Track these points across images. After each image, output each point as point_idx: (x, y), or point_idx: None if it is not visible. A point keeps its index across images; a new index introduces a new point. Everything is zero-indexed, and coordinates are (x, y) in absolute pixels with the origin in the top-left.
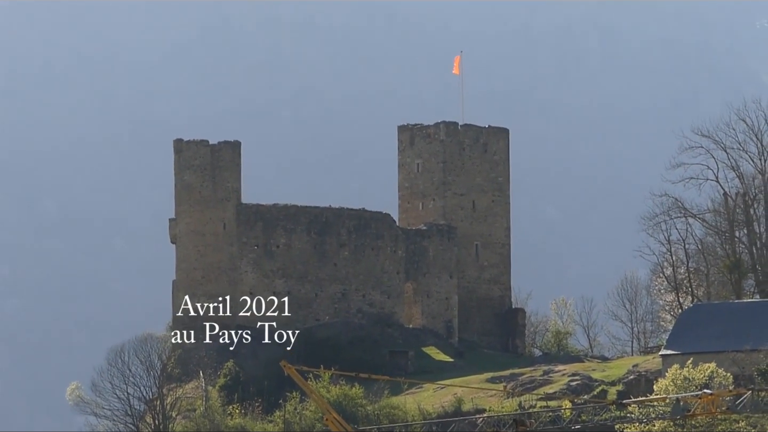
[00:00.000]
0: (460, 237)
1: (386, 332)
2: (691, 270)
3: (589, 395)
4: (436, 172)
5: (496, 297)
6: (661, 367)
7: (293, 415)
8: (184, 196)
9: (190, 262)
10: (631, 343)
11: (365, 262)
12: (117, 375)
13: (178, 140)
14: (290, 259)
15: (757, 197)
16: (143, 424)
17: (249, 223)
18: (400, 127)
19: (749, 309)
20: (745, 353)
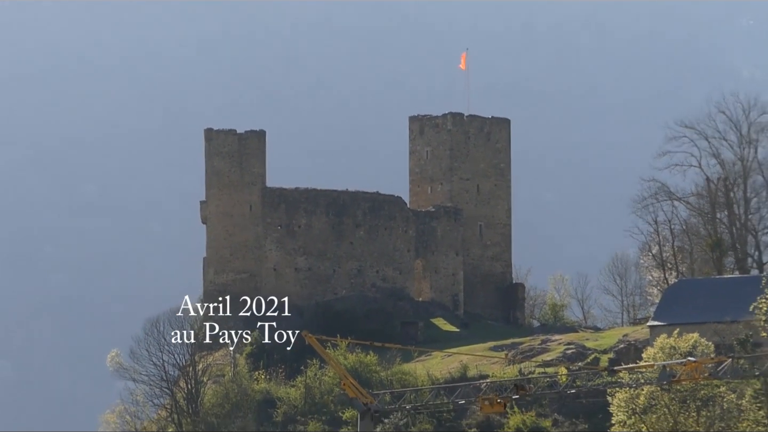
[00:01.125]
0: (465, 218)
1: (398, 305)
2: (676, 248)
3: (583, 362)
4: (444, 159)
5: (498, 273)
6: (648, 337)
7: (313, 380)
8: (214, 181)
9: (220, 240)
10: (622, 315)
11: (379, 240)
12: (153, 343)
13: (208, 129)
14: (310, 238)
15: (736, 182)
16: (177, 388)
17: (273, 205)
18: (411, 118)
19: (729, 284)
20: (726, 324)
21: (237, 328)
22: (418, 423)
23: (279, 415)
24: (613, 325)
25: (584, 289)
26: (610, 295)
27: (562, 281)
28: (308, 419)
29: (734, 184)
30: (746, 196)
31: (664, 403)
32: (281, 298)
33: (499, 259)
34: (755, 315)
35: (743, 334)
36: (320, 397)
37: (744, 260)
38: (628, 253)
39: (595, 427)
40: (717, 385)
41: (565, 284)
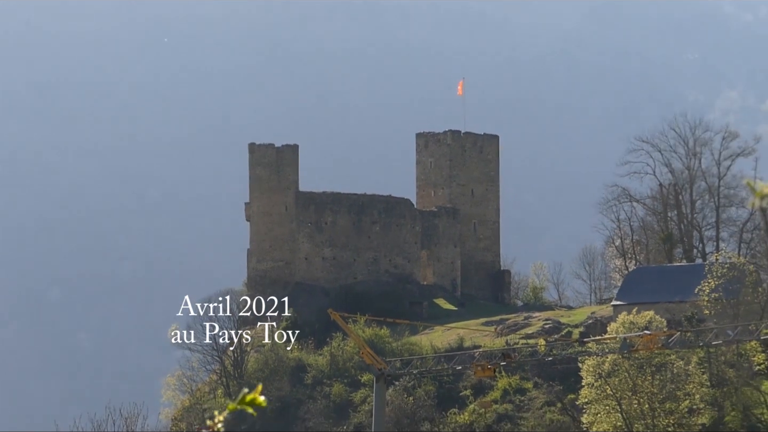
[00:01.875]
0: (462, 216)
1: (406, 288)
2: (634, 241)
3: (558, 335)
4: (444, 168)
5: (488, 261)
6: (612, 314)
7: (337, 349)
8: (256, 186)
9: (261, 235)
10: (590, 296)
11: (391, 235)
12: (206, 319)
13: (251, 143)
14: (335, 232)
15: (684, 187)
16: (225, 356)
17: (305, 206)
18: (417, 134)
19: (678, 271)
20: (675, 304)
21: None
22: (422, 385)
23: (309, 378)
24: (583, 304)
25: (559, 274)
26: (580, 279)
27: (541, 268)
28: (333, 382)
29: (682, 189)
30: (692, 199)
31: (625, 368)
32: (311, 282)
33: (490, 250)
34: (699, 296)
35: (689, 312)
36: (343, 364)
37: (690, 251)
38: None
39: (568, 389)
40: (668, 354)
41: (543, 271)
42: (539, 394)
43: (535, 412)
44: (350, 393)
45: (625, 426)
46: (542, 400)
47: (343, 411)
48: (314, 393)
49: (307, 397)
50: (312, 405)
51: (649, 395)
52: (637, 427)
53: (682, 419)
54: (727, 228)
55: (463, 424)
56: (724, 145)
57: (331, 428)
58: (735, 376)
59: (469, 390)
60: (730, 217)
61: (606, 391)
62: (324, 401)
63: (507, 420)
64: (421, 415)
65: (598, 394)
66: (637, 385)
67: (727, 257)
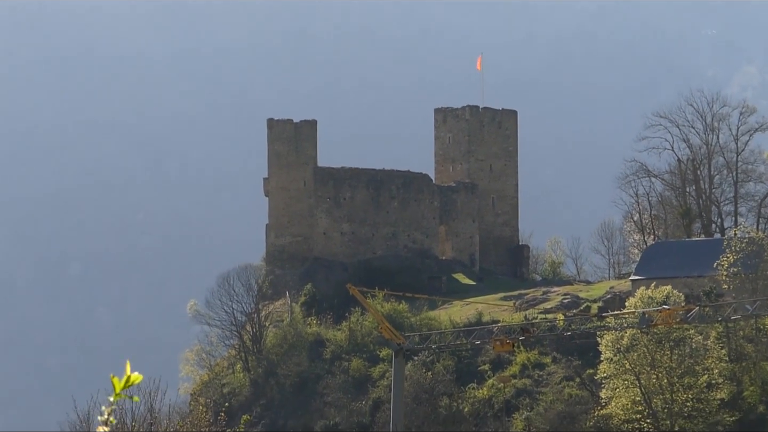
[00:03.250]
0: (480, 191)
1: (425, 262)
2: (653, 216)
3: (576, 310)
4: (463, 143)
5: (507, 236)
6: (630, 289)
7: (356, 324)
8: (275, 161)
9: (279, 210)
10: (609, 271)
11: (410, 210)
12: (224, 294)
13: (270, 119)
14: (354, 208)
15: (702, 162)
16: (244, 331)
17: (323, 181)
18: (436, 110)
19: (696, 246)
20: (694, 279)
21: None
22: (441, 360)
23: (327, 353)
24: (602, 279)
25: (578, 249)
26: (599, 254)
27: (557, 243)
28: (351, 357)
29: (700, 164)
30: (710, 174)
31: (644, 343)
32: (330, 257)
33: (508, 225)
34: (718, 271)
35: (708, 287)
36: (361, 339)
37: (709, 226)
38: (614, 220)
39: (587, 364)
40: (687, 329)
41: (560, 246)
42: (558, 369)
43: (554, 386)
44: (369, 368)
45: (644, 400)
46: (561, 375)
47: (362, 386)
48: (333, 368)
49: (325, 372)
50: (330, 380)
51: (668, 370)
52: (655, 402)
53: (701, 394)
54: (746, 203)
55: (482, 399)
56: (742, 120)
57: (349, 403)
58: (754, 350)
59: (488, 365)
60: (748, 191)
61: (624, 365)
62: (342, 376)
63: (525, 395)
64: (439, 390)
65: (617, 369)
66: (656, 359)
67: (745, 232)
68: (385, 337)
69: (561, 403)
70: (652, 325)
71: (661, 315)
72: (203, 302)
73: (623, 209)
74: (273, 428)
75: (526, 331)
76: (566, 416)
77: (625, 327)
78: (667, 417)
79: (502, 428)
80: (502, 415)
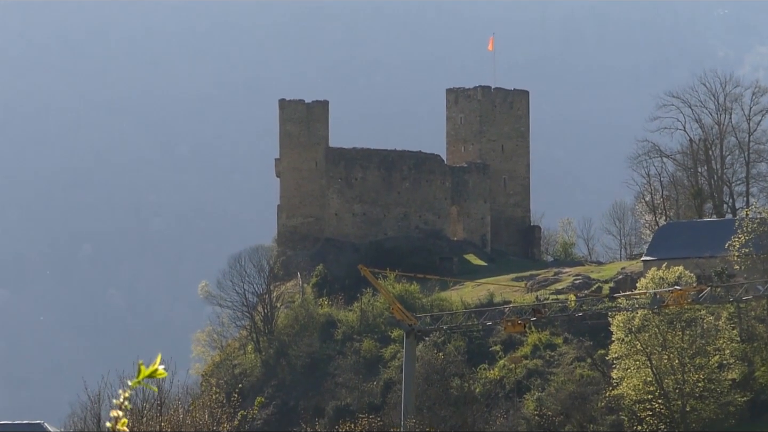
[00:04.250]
0: (492, 172)
1: (437, 243)
2: (664, 197)
3: (588, 290)
4: (474, 124)
5: (518, 217)
6: (642, 270)
7: (367, 305)
8: (286, 142)
9: (291, 191)
10: (620, 252)
11: (421, 191)
12: (236, 275)
13: (282, 99)
14: (365, 188)
15: (714, 142)
16: (255, 312)
17: (334, 162)
18: (447, 90)
19: (708, 226)
20: (705, 259)
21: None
22: (453, 341)
23: (339, 334)
24: (613, 259)
25: (589, 230)
26: (610, 235)
27: (568, 224)
28: (363, 338)
29: (712, 144)
30: (722, 154)
31: (655, 323)
32: (341, 238)
33: (520, 205)
34: (729, 251)
35: (719, 267)
36: (373, 320)
37: (720, 207)
38: (626, 200)
39: (598, 344)
40: (698, 309)
41: (571, 226)
42: (569, 350)
43: (565, 367)
44: (380, 349)
45: (655, 381)
46: (572, 356)
47: (373, 367)
48: (344, 349)
49: (337, 353)
50: (342, 361)
51: (679, 350)
52: (667, 383)
53: (712, 374)
54: (758, 183)
55: (493, 380)
56: (755, 100)
57: (360, 384)
58: (765, 331)
59: (499, 345)
60: (760, 172)
61: (636, 346)
62: (354, 357)
63: (537, 375)
64: (451, 370)
65: (628, 350)
66: (667, 340)
67: (757, 212)
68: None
69: (572, 384)
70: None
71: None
72: (215, 283)
73: (635, 190)
74: (284, 409)
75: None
76: (578, 397)
77: (637, 307)
78: (678, 397)
79: (514, 409)
80: (513, 396)
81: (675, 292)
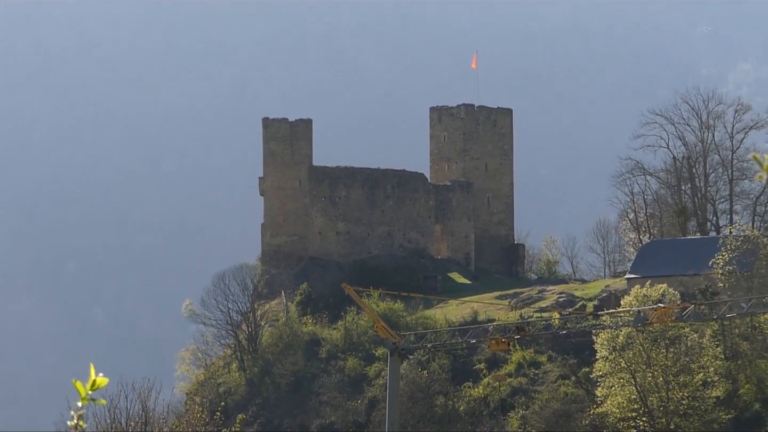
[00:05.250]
0: (475, 190)
1: (420, 262)
2: (648, 215)
3: (572, 308)
4: (458, 142)
5: (502, 235)
6: (626, 287)
7: (351, 324)
8: (270, 160)
9: (275, 209)
10: (604, 269)
11: (405, 209)
12: (220, 294)
13: (265, 118)
14: (349, 207)
15: (697, 160)
16: (240, 331)
17: (318, 180)
18: (431, 108)
19: (692, 244)
20: (689, 277)
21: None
22: (437, 359)
23: (323, 352)
24: (597, 277)
25: (573, 247)
26: (594, 253)
27: (552, 242)
28: (347, 356)
29: (696, 162)
30: (706, 172)
31: (639, 341)
32: (325, 257)
33: (503, 224)
34: (713, 269)
35: (703, 285)
36: (357, 338)
37: (704, 224)
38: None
39: (582, 362)
40: (682, 327)
41: (556, 244)
42: (553, 368)
43: (550, 385)
44: (364, 367)
45: (640, 399)
46: (556, 374)
47: (358, 385)
48: (328, 367)
49: (321, 371)
50: (326, 379)
51: (663, 368)
52: (651, 400)
53: (696, 392)
54: (741, 201)
55: (478, 398)
56: (738, 117)
57: (345, 402)
58: (749, 348)
59: (484, 364)
60: (743, 189)
61: (620, 364)
62: (338, 375)
63: (521, 393)
64: (435, 388)
65: (613, 368)
66: (651, 358)
67: (740, 230)
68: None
69: (557, 402)
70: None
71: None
72: (199, 301)
73: (619, 207)
74: (269, 427)
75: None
76: (562, 415)
77: (621, 325)
78: (662, 415)
79: (498, 427)
80: (497, 414)
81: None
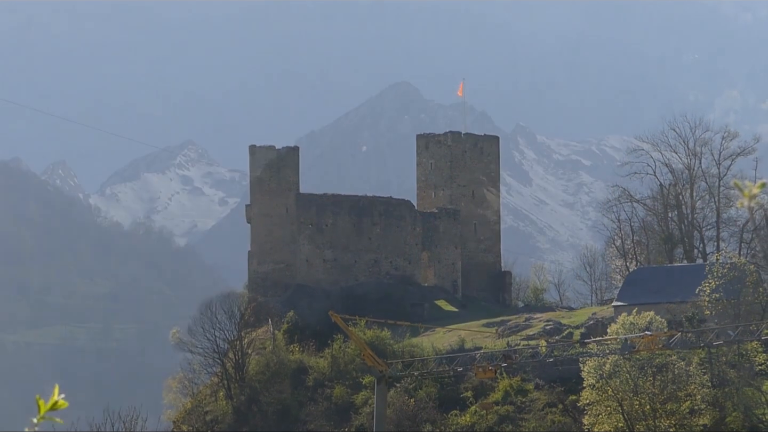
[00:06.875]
0: (462, 218)
1: (408, 289)
2: (635, 242)
3: (559, 336)
4: (445, 169)
5: (489, 262)
6: (613, 315)
7: (338, 351)
8: (257, 188)
9: (262, 237)
10: (591, 297)
11: (392, 236)
12: (207, 322)
13: (252, 145)
14: (336, 234)
15: (684, 187)
16: (226, 359)
17: (305, 208)
18: (418, 136)
19: (679, 271)
20: (676, 304)
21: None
22: (424, 386)
23: (310, 380)
24: (584, 305)
25: (560, 275)
26: (581, 280)
27: (541, 269)
28: (334, 384)
29: (683, 189)
30: (693, 199)
31: (626, 369)
32: (312, 284)
33: (490, 251)
34: (700, 296)
35: (690, 312)
36: (344, 366)
37: (691, 251)
38: (596, 245)
39: (569, 390)
40: (669, 354)
41: (543, 272)
42: (540, 396)
43: (537, 413)
44: (351, 395)
45: (627, 427)
46: (543, 402)
47: (345, 413)
48: (315, 395)
49: (308, 400)
50: (313, 407)
51: (651, 396)
52: (638, 428)
53: (684, 420)
54: (728, 228)
55: (465, 426)
56: (724, 144)
57: (332, 430)
58: (736, 376)
59: (471, 391)
60: (730, 217)
61: (607, 392)
62: (325, 403)
63: (508, 421)
64: (422, 416)
65: (600, 395)
66: (639, 386)
67: (727, 257)
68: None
69: (544, 430)
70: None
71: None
72: (186, 330)
73: (605, 235)
74: None
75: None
76: None
77: (608, 353)
78: None
79: None
80: None
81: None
